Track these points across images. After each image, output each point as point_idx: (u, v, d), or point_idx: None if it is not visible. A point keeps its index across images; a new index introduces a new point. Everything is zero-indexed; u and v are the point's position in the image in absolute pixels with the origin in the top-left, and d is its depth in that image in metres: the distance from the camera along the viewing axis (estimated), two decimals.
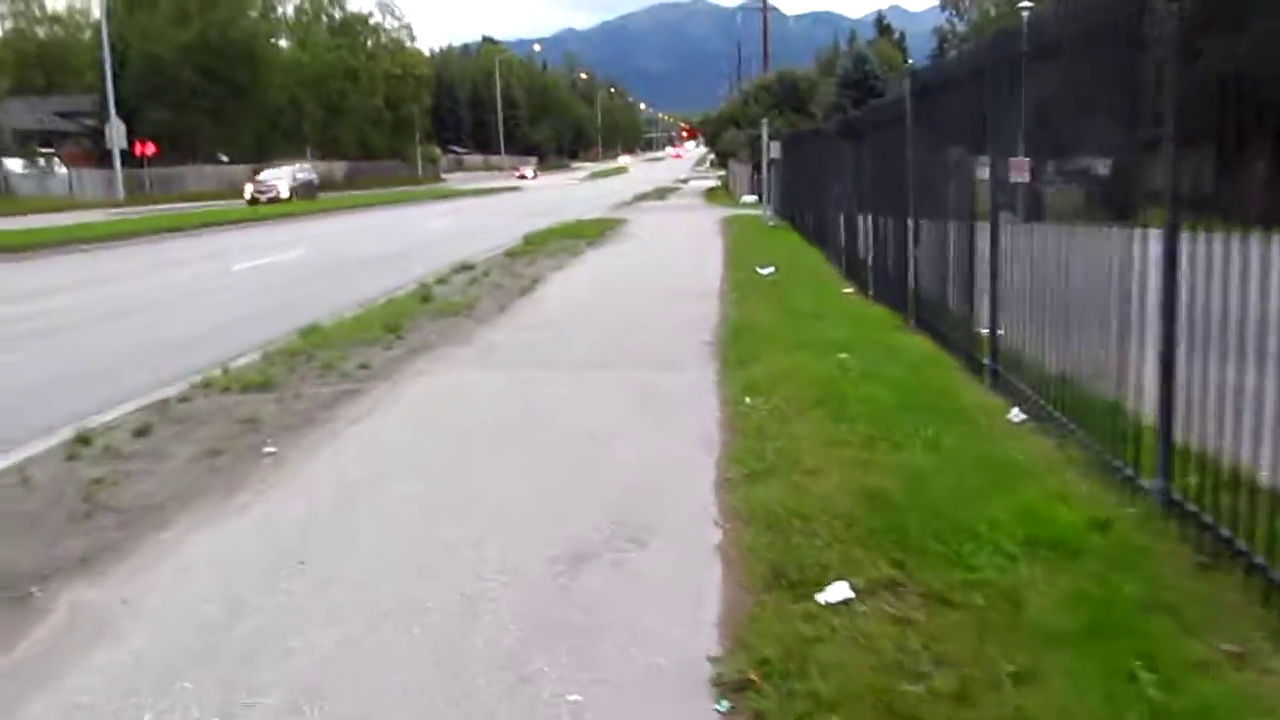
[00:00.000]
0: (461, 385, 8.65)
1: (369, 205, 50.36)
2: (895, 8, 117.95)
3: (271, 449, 6.81)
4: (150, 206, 48.92)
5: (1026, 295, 6.46)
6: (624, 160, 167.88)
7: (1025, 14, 36.57)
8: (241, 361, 10.04)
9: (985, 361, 7.46)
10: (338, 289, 16.62)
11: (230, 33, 69.30)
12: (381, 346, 10.56)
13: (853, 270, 14.45)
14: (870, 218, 12.42)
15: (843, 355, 8.43)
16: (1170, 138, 4.54)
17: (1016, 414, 6.36)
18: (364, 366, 9.53)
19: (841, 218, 15.34)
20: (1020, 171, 6.69)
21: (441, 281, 16.46)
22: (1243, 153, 4.30)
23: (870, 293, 12.75)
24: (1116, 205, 5.44)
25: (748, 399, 7.35)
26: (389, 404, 8.01)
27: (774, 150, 26.63)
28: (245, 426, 7.44)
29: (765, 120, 27.58)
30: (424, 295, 14.40)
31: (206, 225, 34.16)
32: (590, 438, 6.72)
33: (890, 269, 11.27)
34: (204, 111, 69.96)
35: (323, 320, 12.41)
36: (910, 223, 10.19)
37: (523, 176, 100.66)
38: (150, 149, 58.74)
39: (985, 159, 7.53)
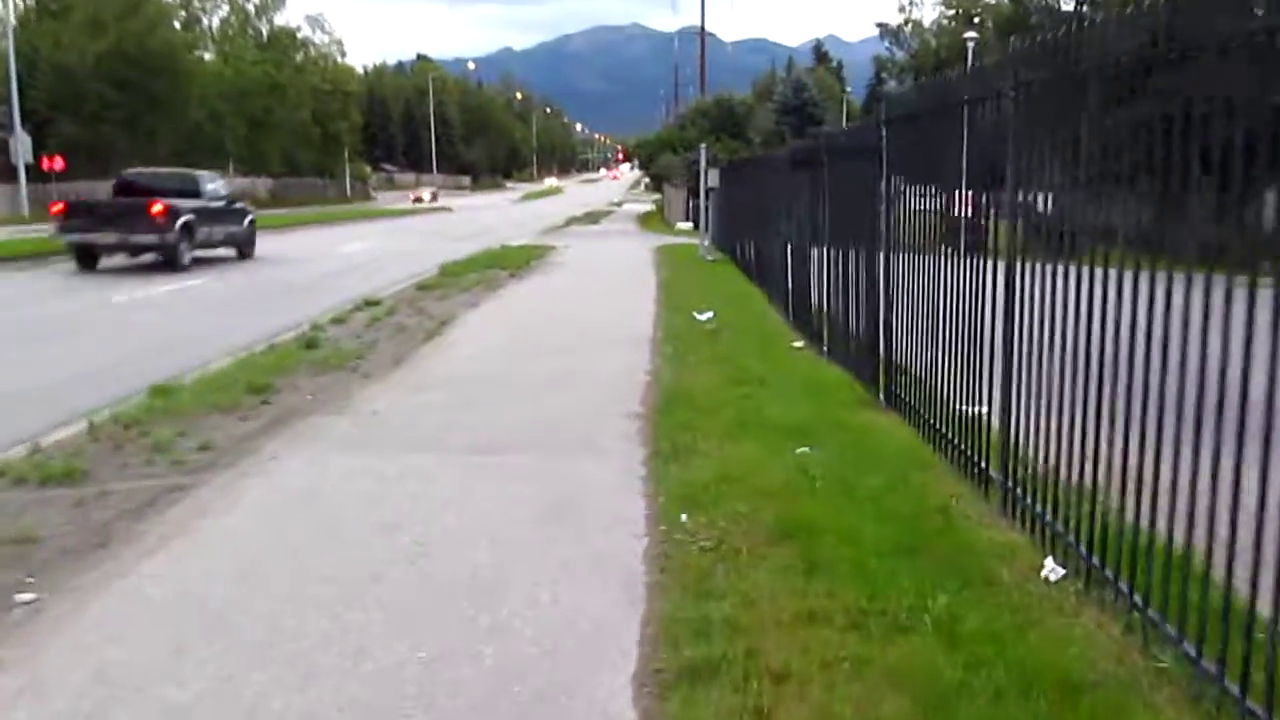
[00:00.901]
0: (317, 484, 6.76)
1: (285, 226, 47.98)
2: (832, 37, 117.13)
3: (28, 596, 4.91)
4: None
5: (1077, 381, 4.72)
6: (558, 181, 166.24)
7: (970, 44, 35.48)
8: (59, 436, 8.07)
9: (996, 476, 5.69)
10: (221, 329, 14.64)
11: (148, 43, 66.48)
12: (239, 415, 8.64)
13: (801, 318, 12.78)
14: (829, 255, 10.71)
15: (804, 449, 6.71)
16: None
17: (1053, 567, 4.62)
18: (205, 448, 7.60)
19: (789, 256, 13.68)
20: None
21: (339, 321, 14.56)
22: None
23: (825, 349, 11.06)
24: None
25: (684, 517, 5.58)
26: (213, 517, 6.10)
27: (712, 178, 25.00)
28: (12, 551, 5.51)
29: (704, 145, 25.94)
30: (312, 340, 12.50)
31: None
32: (471, 589, 4.88)
33: (855, 324, 9.57)
34: (118, 124, 66.95)
35: (188, 372, 10.54)
36: (881, 261, 8.46)
37: (419, 200, 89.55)
38: (59, 164, 55.62)
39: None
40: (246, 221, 27.91)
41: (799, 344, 12.01)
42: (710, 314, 14.08)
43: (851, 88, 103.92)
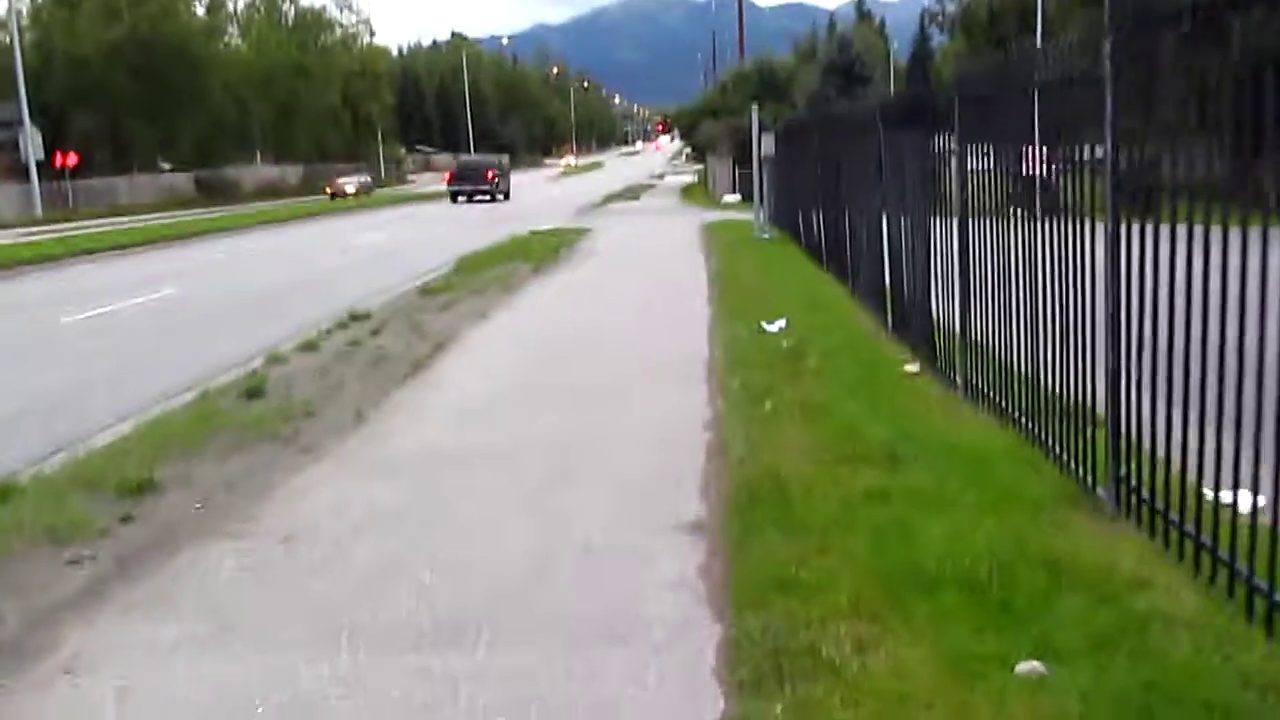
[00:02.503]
0: None
1: (308, 216, 45.11)
2: (863, 1, 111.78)
3: None
4: (70, 225, 42.85)
5: None
6: (598, 156, 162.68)
7: None
8: None
9: None
10: (159, 363, 11.66)
11: (164, 28, 63.60)
12: (71, 553, 5.47)
13: (910, 325, 9.46)
14: (971, 237, 7.33)
15: (1029, 665, 3.43)
16: None
17: None
18: None
19: (884, 239, 10.33)
20: None
21: (309, 347, 11.43)
22: None
23: (957, 380, 7.73)
24: None
25: None
26: None
27: (766, 145, 21.55)
28: None
29: (755, 107, 22.48)
30: (256, 385, 9.37)
31: (94, 251, 28.68)
32: None
33: (1041, 355, 6.20)
34: (138, 116, 64.36)
35: (64, 447, 7.54)
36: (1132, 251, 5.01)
37: (335, 195, 64.30)
38: (72, 159, 52.90)
39: None
40: (509, 178, 53.80)
41: (911, 367, 8.67)
42: (782, 322, 10.79)
43: (897, 44, 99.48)
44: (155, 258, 27.52)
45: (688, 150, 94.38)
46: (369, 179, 73.40)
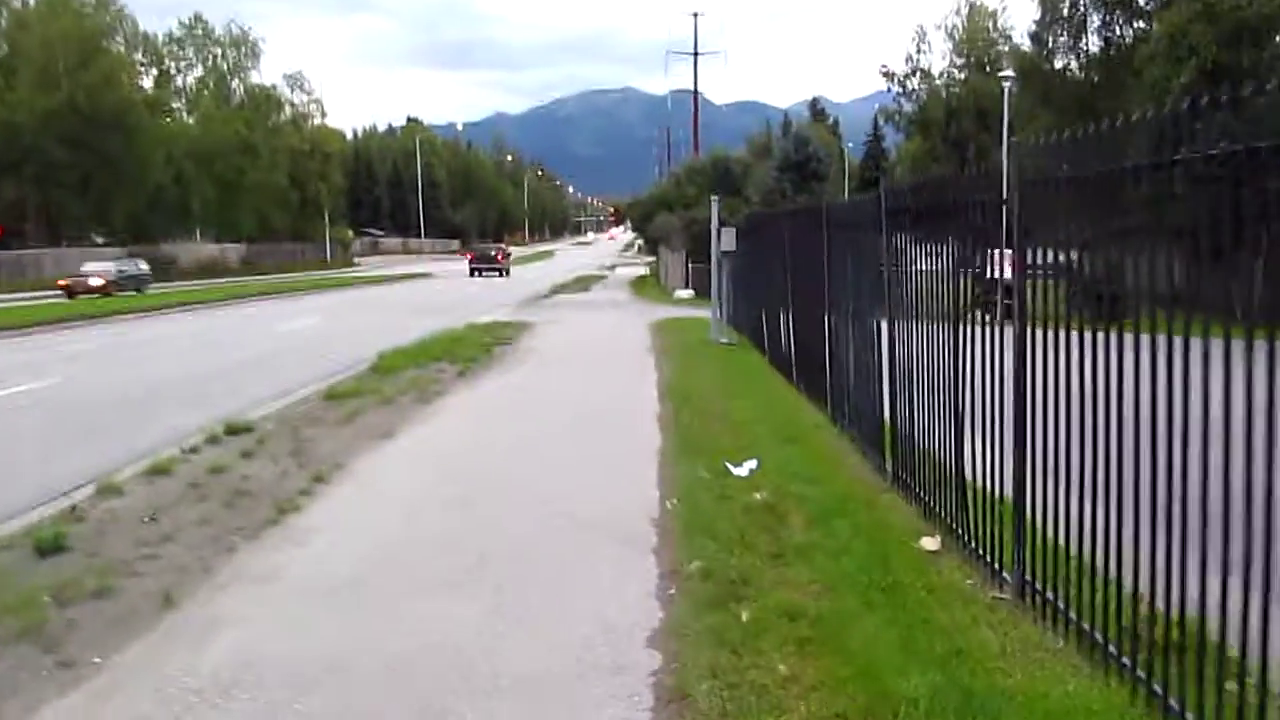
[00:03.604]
0: None
1: (241, 297, 42.59)
2: (820, 98, 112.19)
3: None
4: None
5: None
6: (551, 245, 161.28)
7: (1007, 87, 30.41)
8: None
9: None
10: None
11: (104, 99, 61.20)
12: None
13: (910, 477, 7.31)
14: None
15: None
16: None
17: None
18: None
19: (884, 361, 8.21)
20: None
21: (157, 472, 9.11)
22: None
23: (1001, 570, 5.56)
24: None
25: None
26: None
27: (726, 240, 19.53)
28: None
29: (714, 199, 20.50)
30: (57, 536, 7.01)
31: None
32: None
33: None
34: (68, 186, 61.73)
35: None
36: None
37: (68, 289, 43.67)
38: None
39: None
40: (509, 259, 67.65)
41: (930, 543, 6.46)
42: (753, 463, 8.58)
43: (852, 145, 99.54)
44: (40, 341, 24.86)
45: (640, 242, 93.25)
46: (142, 267, 50.82)
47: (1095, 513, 4.65)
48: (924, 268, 7.10)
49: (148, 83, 75.76)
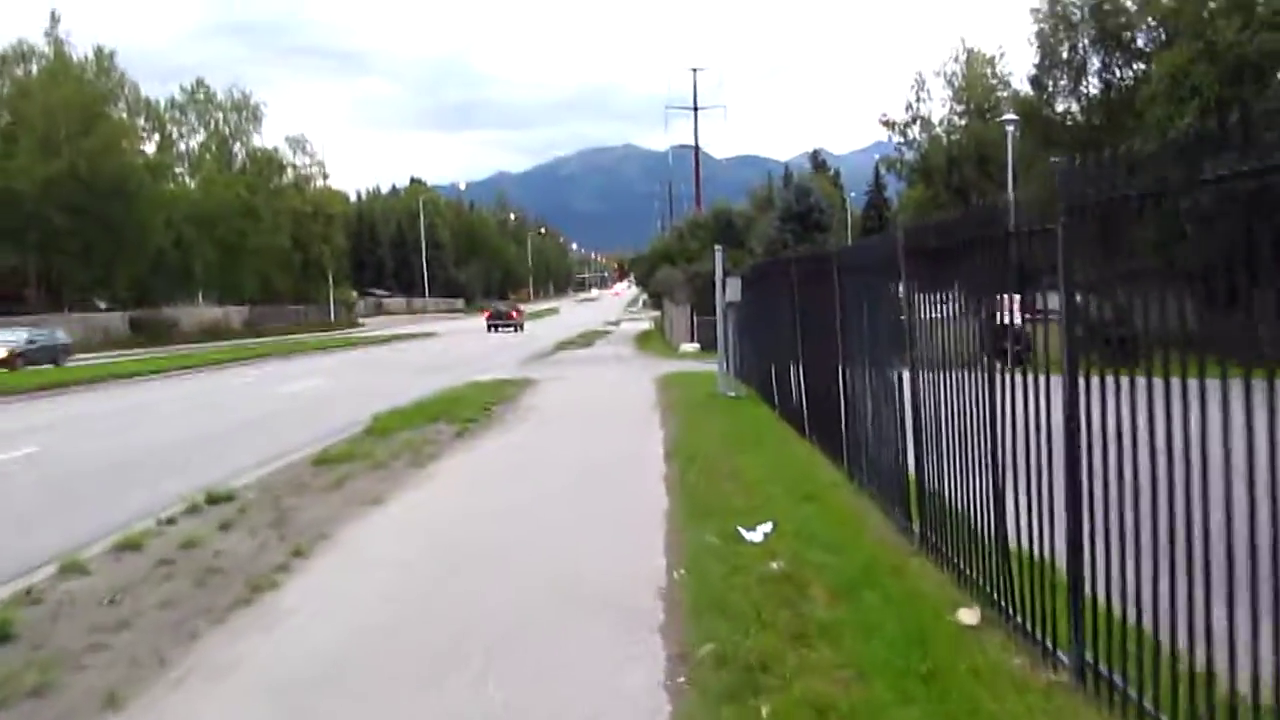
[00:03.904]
0: None
1: (248, 358, 42.11)
2: (820, 150, 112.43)
3: None
4: None
5: None
6: (554, 302, 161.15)
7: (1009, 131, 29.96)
8: None
9: None
10: None
11: (104, 165, 61.12)
12: None
13: (939, 539, 6.66)
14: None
15: None
16: None
17: None
18: None
19: (909, 415, 7.57)
20: None
21: (128, 546, 8.50)
22: None
23: (1051, 646, 4.90)
24: None
25: None
26: None
27: (732, 290, 18.96)
28: None
29: (719, 248, 19.96)
30: (3, 623, 6.34)
31: None
32: None
33: None
34: (70, 253, 61.48)
35: None
36: None
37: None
38: None
39: None
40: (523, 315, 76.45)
41: (968, 616, 5.78)
42: (767, 526, 7.91)
43: (853, 194, 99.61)
44: (42, 406, 24.35)
45: (644, 297, 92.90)
46: (59, 337, 43.47)
47: (1164, 581, 4.00)
48: (949, 312, 6.49)
49: (150, 148, 75.84)
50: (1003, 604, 5.63)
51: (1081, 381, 4.63)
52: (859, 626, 5.49)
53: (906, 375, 7.42)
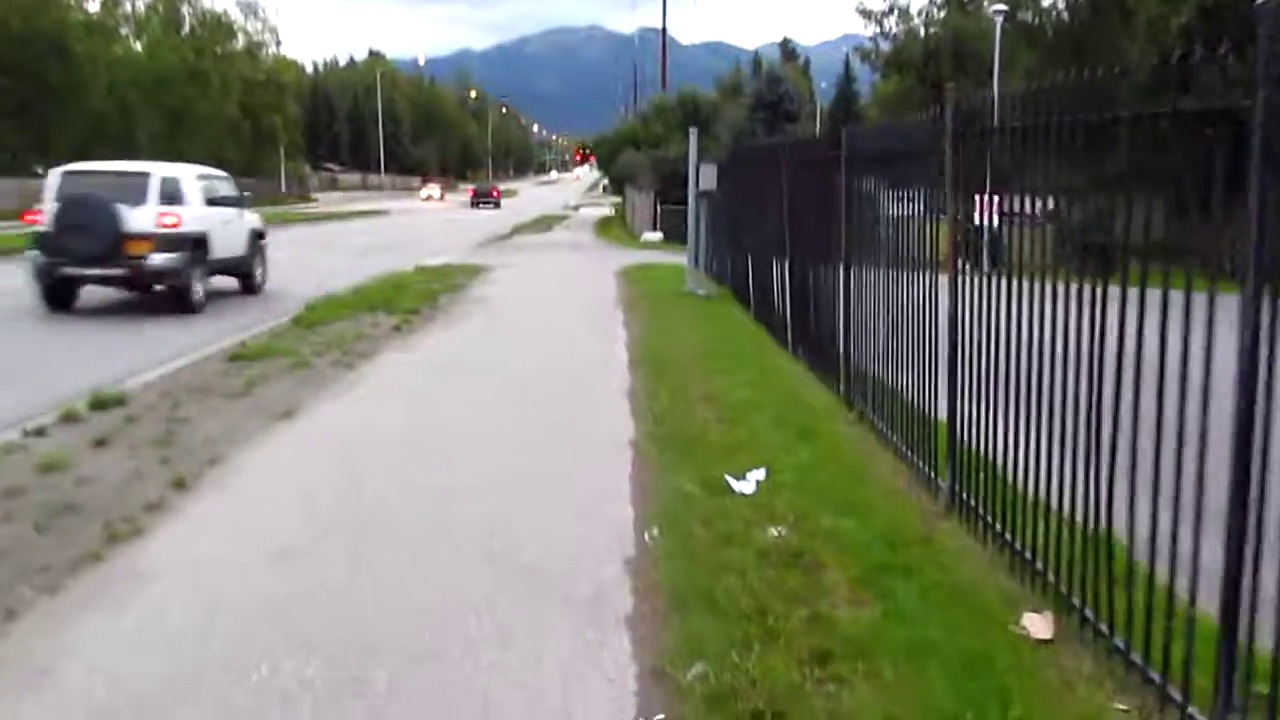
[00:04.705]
0: None
1: None
2: (788, 41, 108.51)
3: None
4: None
5: None
6: (514, 184, 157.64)
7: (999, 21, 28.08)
8: None
9: None
10: None
11: (38, 22, 57.62)
12: None
13: (974, 489, 5.24)
14: None
15: None
16: None
17: None
18: None
19: (936, 318, 6.07)
20: None
21: None
22: None
23: (1163, 687, 3.51)
24: None
25: None
26: None
27: (706, 178, 17.25)
28: None
29: (693, 131, 18.17)
30: None
31: None
32: None
33: None
34: (7, 115, 58.28)
35: None
36: None
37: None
38: None
39: None
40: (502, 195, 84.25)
41: (1039, 626, 4.35)
42: (760, 474, 6.42)
43: (823, 85, 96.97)
44: None
45: (605, 182, 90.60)
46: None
47: None
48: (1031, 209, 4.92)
49: (94, 6, 71.93)
50: (1088, 614, 4.19)
51: None
52: (901, 645, 4.03)
53: (947, 289, 5.86)
